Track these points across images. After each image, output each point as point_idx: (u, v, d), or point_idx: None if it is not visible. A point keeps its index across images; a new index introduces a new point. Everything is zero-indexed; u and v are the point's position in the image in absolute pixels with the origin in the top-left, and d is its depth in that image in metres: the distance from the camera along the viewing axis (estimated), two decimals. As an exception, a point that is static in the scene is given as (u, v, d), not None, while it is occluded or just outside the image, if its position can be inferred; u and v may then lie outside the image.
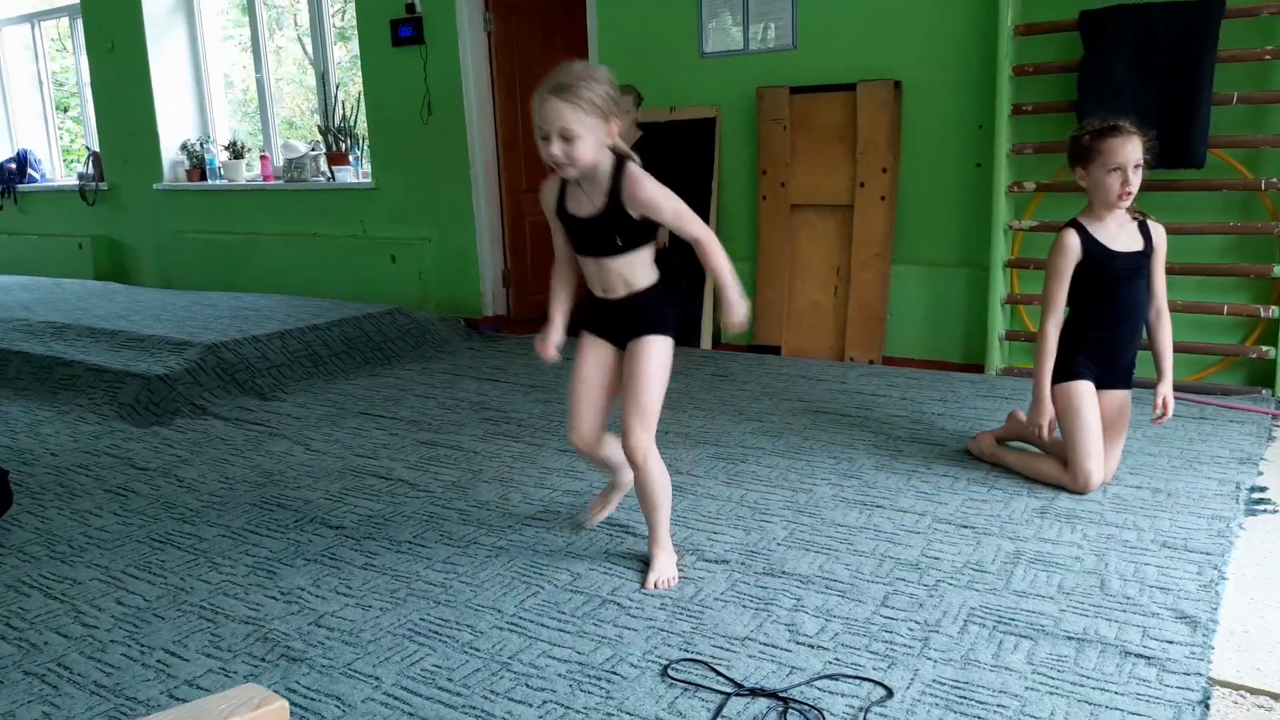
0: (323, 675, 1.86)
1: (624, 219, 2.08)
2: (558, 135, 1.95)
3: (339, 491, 2.89)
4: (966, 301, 4.24)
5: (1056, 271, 2.66)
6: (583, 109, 1.94)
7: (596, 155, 2.01)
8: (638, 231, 2.11)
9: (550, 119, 1.95)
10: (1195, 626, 1.92)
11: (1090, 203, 2.68)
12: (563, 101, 1.94)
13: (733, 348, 4.79)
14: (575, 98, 1.94)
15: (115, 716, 1.75)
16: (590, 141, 1.97)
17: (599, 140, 1.99)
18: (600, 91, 1.96)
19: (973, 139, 4.18)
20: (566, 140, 1.96)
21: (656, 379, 2.17)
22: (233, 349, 4.17)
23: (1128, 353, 2.73)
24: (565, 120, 1.94)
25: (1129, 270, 2.64)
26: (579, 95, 1.94)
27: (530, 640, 1.97)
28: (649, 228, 2.12)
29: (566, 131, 1.95)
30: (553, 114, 1.95)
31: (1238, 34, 3.57)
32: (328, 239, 6.39)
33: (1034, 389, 2.71)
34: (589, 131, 1.96)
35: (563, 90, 1.94)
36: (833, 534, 2.44)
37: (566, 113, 1.94)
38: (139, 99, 7.02)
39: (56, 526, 2.69)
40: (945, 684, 1.76)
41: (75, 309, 5.35)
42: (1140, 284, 2.67)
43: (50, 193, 8.06)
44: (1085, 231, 2.65)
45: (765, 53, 4.63)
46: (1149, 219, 2.71)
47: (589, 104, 1.95)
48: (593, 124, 1.96)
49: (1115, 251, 2.63)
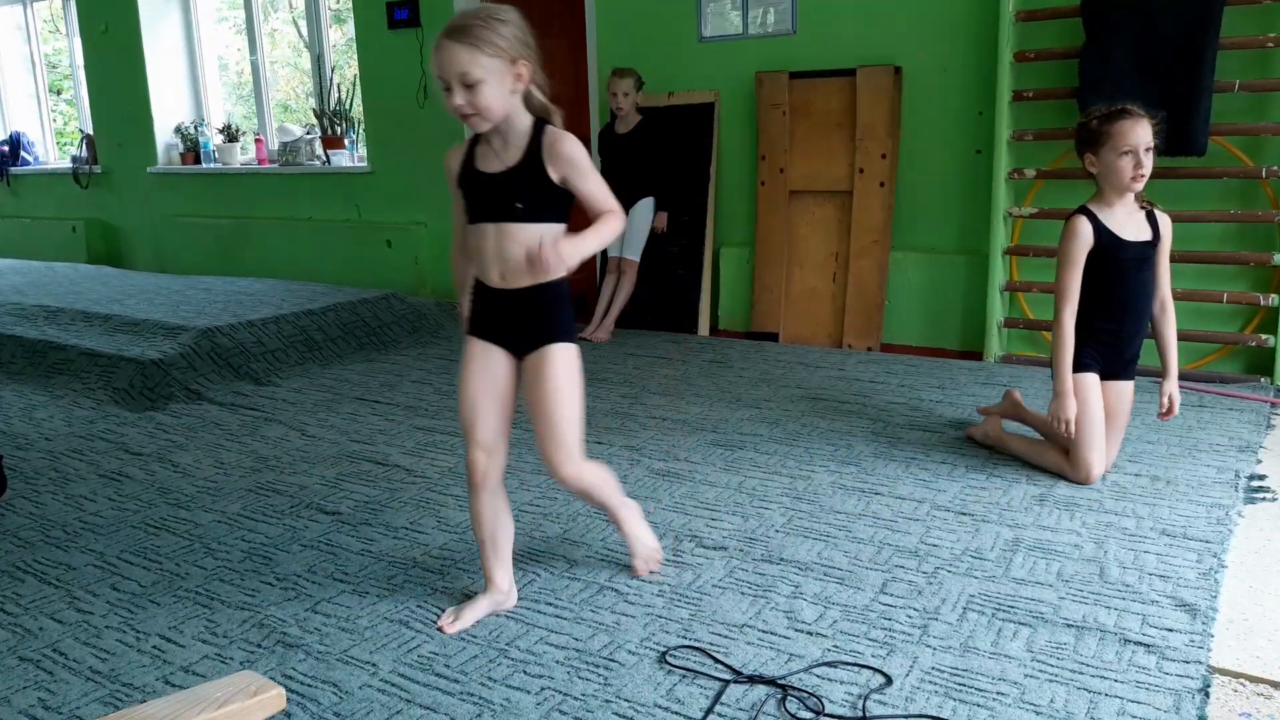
0: (319, 662, 1.86)
1: (537, 179, 1.85)
2: (458, 83, 1.74)
3: (335, 477, 2.88)
4: (965, 288, 4.23)
5: (1069, 259, 2.61)
6: (483, 51, 1.73)
7: (506, 104, 1.79)
8: (548, 200, 1.86)
9: (447, 65, 1.74)
10: (1195, 614, 1.92)
11: (1099, 190, 2.65)
12: (459, 44, 1.73)
13: (730, 334, 4.78)
14: (473, 39, 1.73)
15: (111, 702, 1.74)
16: (495, 87, 1.75)
17: (505, 85, 1.77)
18: (504, 32, 1.75)
19: (973, 125, 4.16)
20: (468, 87, 1.74)
21: (571, 397, 1.94)
22: (227, 334, 4.14)
23: (1133, 345, 2.70)
24: (463, 65, 1.73)
25: (1137, 260, 2.61)
26: (477, 37, 1.73)
27: (527, 627, 1.96)
28: (560, 202, 1.88)
29: (466, 77, 1.73)
30: (449, 59, 1.74)
31: (1240, 21, 3.55)
32: (323, 223, 6.36)
33: (1055, 382, 2.62)
34: (492, 76, 1.75)
35: (459, 33, 1.74)
36: (831, 521, 2.43)
37: (464, 56, 1.72)
38: (133, 81, 6.96)
39: (51, 512, 2.68)
40: (944, 671, 1.76)
41: (69, 293, 5.31)
42: (1147, 274, 2.64)
43: (43, 176, 8.01)
44: (1095, 219, 2.62)
45: (765, 37, 4.60)
46: (1156, 208, 2.68)
47: (490, 45, 1.74)
48: (496, 67, 1.74)
49: (1125, 240, 2.60)
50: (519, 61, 1.78)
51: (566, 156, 1.84)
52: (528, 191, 1.86)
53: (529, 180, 1.85)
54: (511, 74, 1.78)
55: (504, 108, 1.80)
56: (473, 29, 1.74)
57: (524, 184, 1.86)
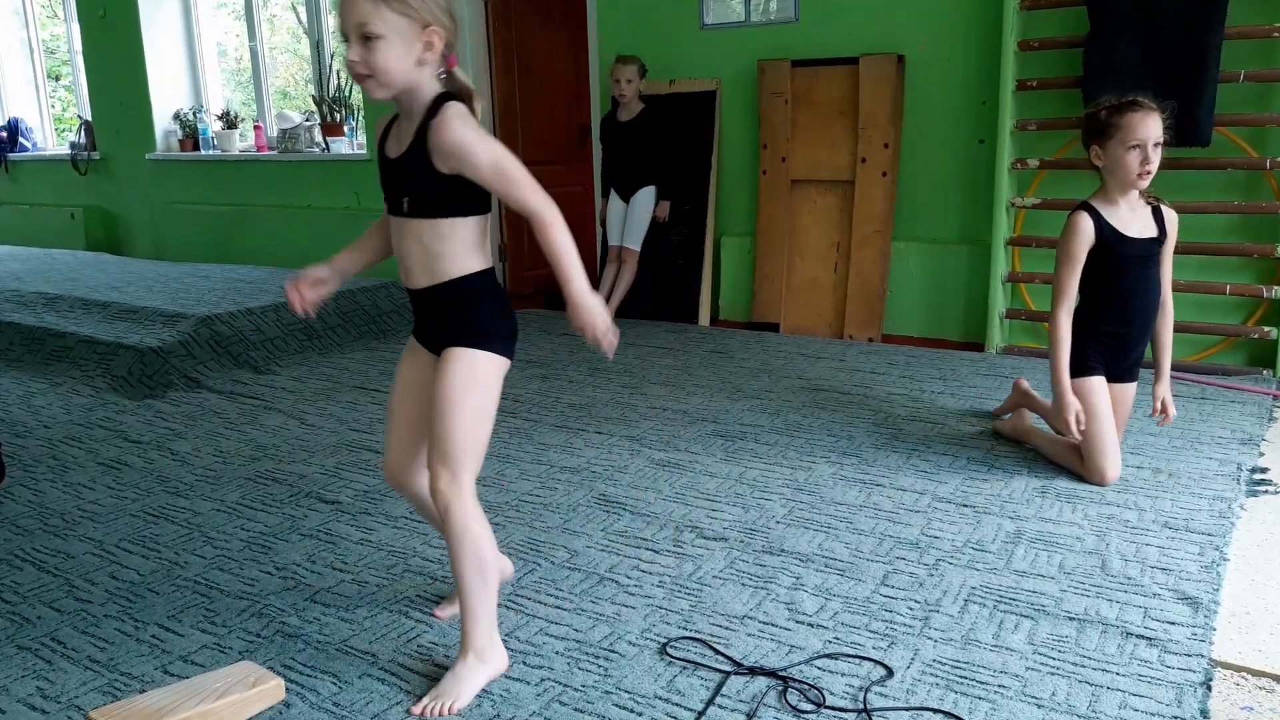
0: (319, 651, 1.85)
1: (424, 169, 1.60)
2: (356, 35, 1.53)
3: (334, 466, 2.87)
4: (967, 279, 4.21)
5: (1069, 255, 2.54)
6: (389, 5, 1.52)
7: (408, 73, 1.56)
8: (439, 193, 1.62)
9: (347, 13, 1.53)
10: (1197, 607, 1.91)
11: (1104, 185, 2.58)
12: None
13: (731, 325, 4.77)
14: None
15: (109, 691, 1.74)
16: (397, 48, 1.53)
17: (410, 50, 1.55)
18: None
19: (976, 114, 4.14)
20: (366, 41, 1.53)
21: (461, 407, 1.66)
22: (226, 321, 4.13)
23: (1138, 348, 2.64)
24: (363, 14, 1.51)
25: (1141, 258, 2.55)
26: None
27: (527, 617, 1.95)
28: (460, 195, 1.63)
29: (365, 28, 1.52)
30: (350, 6, 1.53)
31: (1245, 11, 3.52)
32: (322, 210, 6.33)
33: (1053, 386, 2.55)
34: (395, 34, 1.53)
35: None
36: (832, 512, 2.43)
37: (366, 6, 1.51)
38: (131, 67, 6.92)
39: (49, 500, 2.67)
40: (946, 664, 1.75)
41: (67, 280, 5.30)
42: (1153, 273, 2.58)
43: (42, 162, 7.97)
44: (1098, 215, 2.55)
45: (767, 25, 4.57)
46: (1163, 204, 2.62)
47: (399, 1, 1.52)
48: (401, 26, 1.52)
49: (1128, 237, 2.54)
50: (431, 28, 1.56)
51: (448, 145, 1.57)
52: (415, 183, 1.63)
53: (415, 170, 1.62)
54: (420, 40, 1.55)
55: (404, 76, 1.56)
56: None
57: (411, 174, 1.63)
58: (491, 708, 1.66)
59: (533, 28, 5.67)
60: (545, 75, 5.79)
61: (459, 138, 1.57)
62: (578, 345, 4.29)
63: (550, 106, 5.85)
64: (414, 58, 1.56)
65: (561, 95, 5.90)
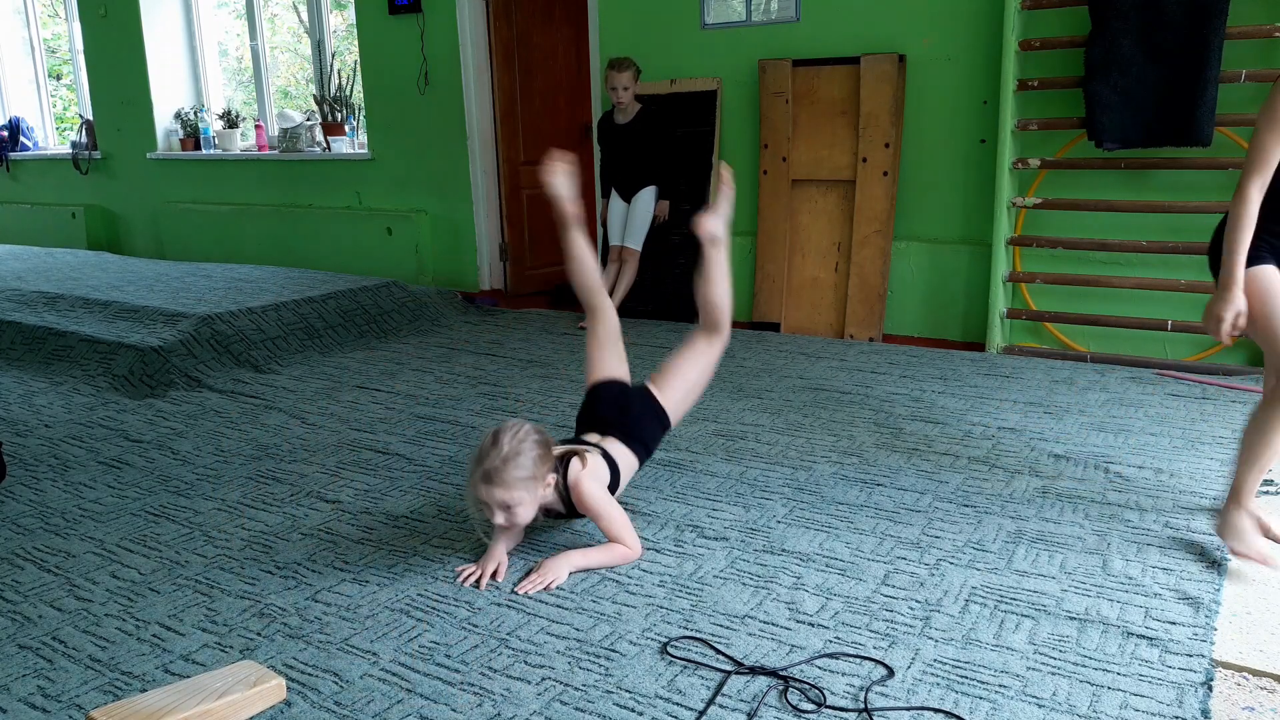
0: (320, 651, 1.85)
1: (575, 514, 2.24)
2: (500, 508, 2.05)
3: (335, 465, 2.87)
4: (968, 279, 4.21)
5: (1272, 119, 1.97)
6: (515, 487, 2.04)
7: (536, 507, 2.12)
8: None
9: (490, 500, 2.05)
10: (1198, 608, 1.91)
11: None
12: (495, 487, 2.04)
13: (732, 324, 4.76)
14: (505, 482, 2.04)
15: (110, 691, 1.74)
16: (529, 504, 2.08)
17: (537, 497, 2.09)
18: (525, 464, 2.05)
19: (977, 114, 4.14)
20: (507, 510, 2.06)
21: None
22: (227, 321, 4.13)
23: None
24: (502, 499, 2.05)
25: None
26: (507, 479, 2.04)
27: (529, 617, 1.95)
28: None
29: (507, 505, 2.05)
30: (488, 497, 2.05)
31: (1247, 10, 3.52)
32: (323, 210, 6.33)
33: (1221, 273, 2.05)
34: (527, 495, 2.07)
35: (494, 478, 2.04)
36: (833, 512, 2.43)
37: (500, 494, 2.04)
38: (132, 66, 6.93)
39: (50, 499, 2.67)
40: (946, 663, 1.75)
41: (68, 279, 5.30)
42: None
43: (43, 161, 7.98)
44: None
45: (768, 24, 4.57)
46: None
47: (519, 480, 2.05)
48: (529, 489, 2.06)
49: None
50: (548, 477, 2.11)
51: (588, 510, 2.18)
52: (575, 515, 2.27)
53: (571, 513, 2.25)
54: (541, 486, 2.09)
55: (534, 510, 2.11)
56: (502, 473, 2.03)
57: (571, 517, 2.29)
58: (492, 707, 1.66)
59: (534, 26, 5.67)
60: (546, 74, 5.79)
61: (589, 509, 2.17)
62: (578, 345, 4.29)
63: (551, 105, 5.85)
64: (539, 498, 2.11)
65: (562, 94, 5.90)
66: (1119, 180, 3.86)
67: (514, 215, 5.78)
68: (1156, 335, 3.84)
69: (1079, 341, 3.99)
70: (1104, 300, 3.93)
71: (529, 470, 2.05)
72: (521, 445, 2.07)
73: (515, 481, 2.04)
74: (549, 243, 5.92)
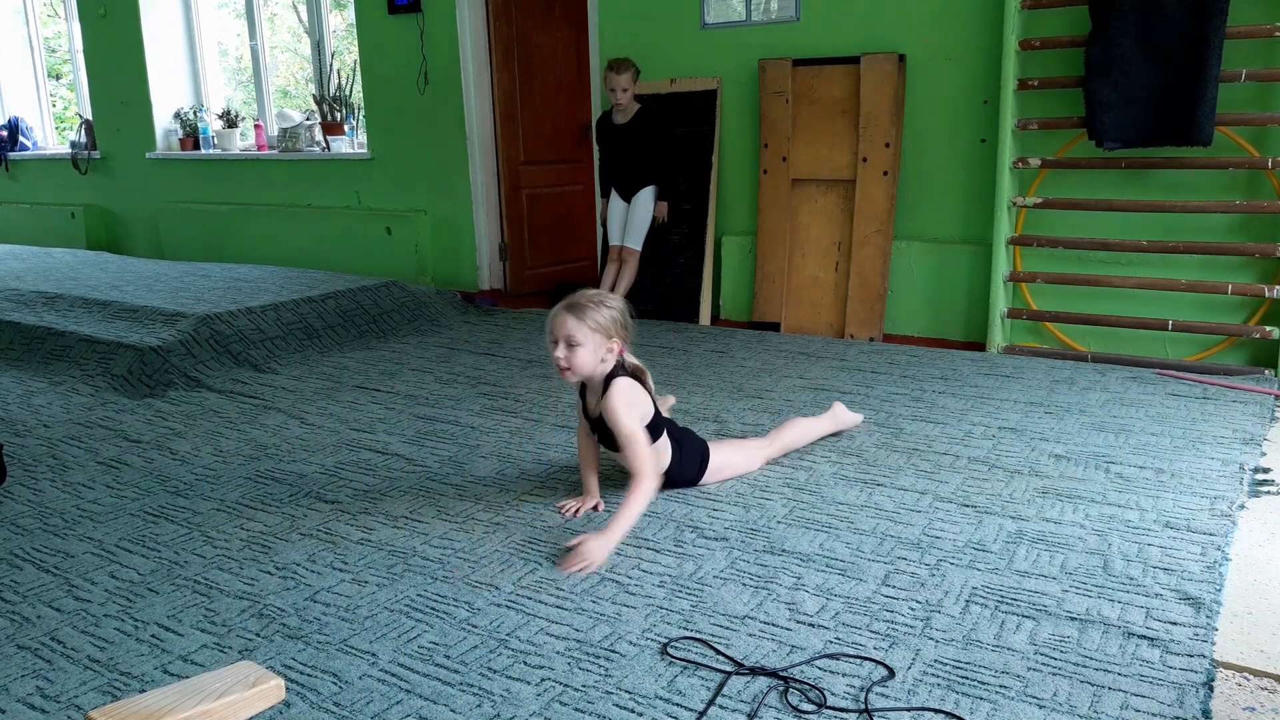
0: (319, 651, 1.85)
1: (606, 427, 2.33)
2: (564, 341, 2.25)
3: (334, 466, 2.87)
4: (969, 278, 4.21)
5: None
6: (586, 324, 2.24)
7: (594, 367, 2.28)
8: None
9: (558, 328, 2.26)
10: (1199, 608, 1.91)
11: None
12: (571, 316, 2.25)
13: (732, 324, 4.77)
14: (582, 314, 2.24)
15: (109, 691, 1.73)
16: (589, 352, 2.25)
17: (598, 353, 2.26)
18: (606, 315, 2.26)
19: (977, 114, 4.14)
20: (570, 347, 2.25)
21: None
22: (226, 320, 4.13)
23: None
24: (569, 329, 2.24)
25: None
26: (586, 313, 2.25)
27: (528, 617, 1.95)
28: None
29: (571, 339, 2.24)
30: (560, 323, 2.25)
31: (1247, 10, 3.52)
32: (323, 210, 6.33)
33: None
34: (590, 343, 2.25)
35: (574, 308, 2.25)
36: (833, 512, 2.42)
37: (572, 323, 2.24)
38: (132, 66, 6.92)
39: (49, 499, 2.67)
40: (947, 664, 1.75)
41: (67, 279, 5.30)
42: None
43: (42, 161, 7.97)
44: None
45: (768, 24, 4.56)
46: None
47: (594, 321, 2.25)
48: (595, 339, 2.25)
49: None
50: (614, 339, 2.28)
51: (605, 408, 2.29)
52: (606, 432, 2.35)
53: (603, 425, 2.33)
54: (605, 346, 2.27)
55: (592, 369, 2.28)
56: (585, 307, 2.25)
57: (603, 428, 2.35)
58: (492, 708, 1.65)
59: (534, 26, 5.67)
60: (546, 73, 5.79)
61: (611, 405, 2.28)
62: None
63: (551, 104, 5.85)
64: (599, 358, 2.27)
65: (562, 94, 5.90)
66: (1119, 180, 3.86)
67: (513, 215, 5.77)
68: (1157, 335, 3.84)
69: (1079, 341, 3.99)
70: (1104, 300, 3.93)
71: (606, 322, 2.25)
72: (614, 304, 2.29)
73: (590, 321, 2.23)
74: (548, 243, 5.92)
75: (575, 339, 2.23)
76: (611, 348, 2.28)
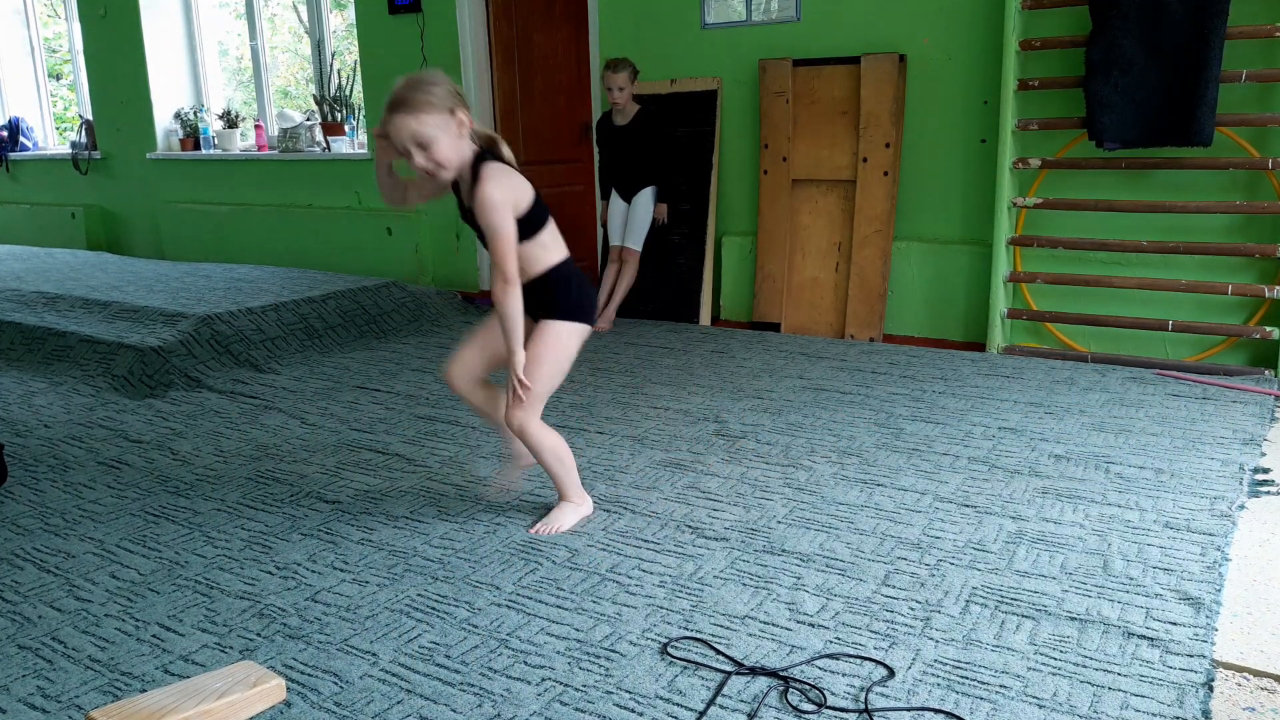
0: (319, 651, 1.85)
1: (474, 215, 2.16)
2: (414, 145, 2.05)
3: (335, 466, 2.87)
4: (969, 279, 4.21)
5: None
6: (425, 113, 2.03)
7: (459, 151, 2.09)
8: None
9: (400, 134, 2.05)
10: (1198, 608, 1.91)
11: None
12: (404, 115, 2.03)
13: (732, 324, 4.77)
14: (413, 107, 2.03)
15: (110, 691, 1.74)
16: (445, 140, 2.06)
17: (452, 135, 2.07)
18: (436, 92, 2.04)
19: (977, 114, 4.14)
20: (423, 147, 2.05)
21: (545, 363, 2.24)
22: (227, 321, 4.13)
23: None
24: (412, 129, 2.03)
25: None
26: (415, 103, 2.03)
27: (529, 617, 1.95)
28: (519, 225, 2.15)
29: (418, 137, 2.04)
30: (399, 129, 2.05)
31: (1248, 10, 3.52)
32: (323, 210, 6.33)
33: None
34: (440, 131, 2.04)
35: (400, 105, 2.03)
36: (833, 512, 2.42)
37: (411, 123, 2.03)
38: (132, 66, 6.92)
39: (50, 499, 2.67)
40: (947, 664, 1.75)
41: (68, 279, 5.30)
42: None
43: (43, 161, 7.97)
44: None
45: (768, 24, 4.56)
46: None
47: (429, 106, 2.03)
48: (440, 123, 2.04)
49: None
50: (457, 110, 2.06)
51: (476, 199, 2.10)
52: (476, 225, 2.18)
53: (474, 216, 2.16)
54: (454, 123, 2.06)
55: (458, 155, 2.10)
56: (411, 98, 2.03)
57: (473, 219, 2.18)
58: (492, 707, 1.66)
59: (534, 25, 5.67)
60: (546, 73, 5.79)
61: (480, 204, 2.10)
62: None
63: (551, 104, 5.85)
64: (456, 138, 2.08)
65: (562, 94, 5.90)
66: (1119, 180, 3.86)
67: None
68: (1157, 335, 3.84)
69: (1079, 341, 3.99)
70: (1104, 300, 3.93)
71: (440, 100, 2.02)
72: (436, 77, 2.06)
73: (426, 106, 2.01)
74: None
75: (423, 136, 2.03)
76: (461, 120, 2.06)
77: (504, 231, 2.10)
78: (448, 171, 2.09)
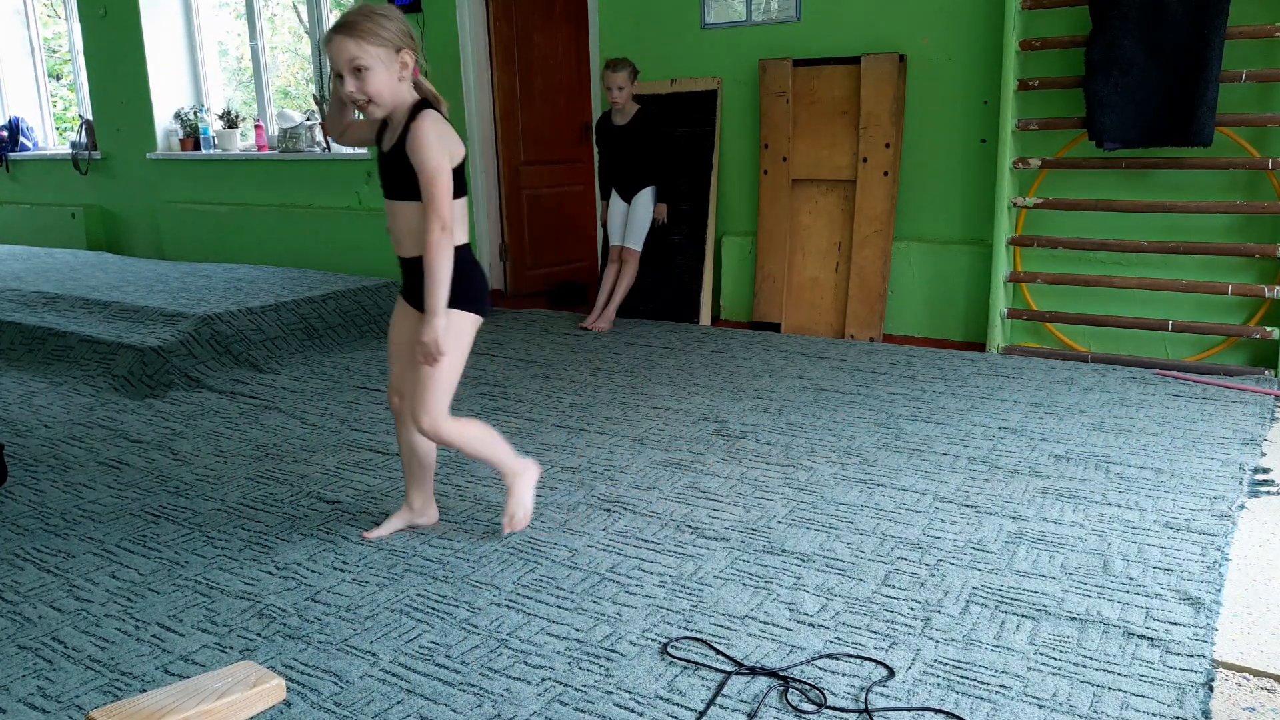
0: (319, 651, 1.85)
1: (405, 164, 2.01)
2: (349, 70, 1.95)
3: (335, 466, 2.87)
4: (969, 279, 4.21)
5: None
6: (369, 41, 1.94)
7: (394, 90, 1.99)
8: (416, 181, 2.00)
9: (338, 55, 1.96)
10: (1198, 608, 1.91)
11: None
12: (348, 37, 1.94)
13: (732, 324, 4.77)
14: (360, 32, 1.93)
15: (110, 691, 1.74)
16: (382, 73, 1.96)
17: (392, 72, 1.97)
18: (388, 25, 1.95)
19: (978, 114, 4.14)
20: (357, 73, 1.95)
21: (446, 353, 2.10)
22: (227, 321, 4.13)
23: None
24: (351, 53, 1.94)
25: None
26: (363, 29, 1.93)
27: (528, 617, 1.95)
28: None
29: (355, 62, 1.94)
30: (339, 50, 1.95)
31: (1248, 10, 3.52)
32: (323, 210, 6.33)
33: None
34: (379, 63, 1.95)
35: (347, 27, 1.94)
36: (833, 512, 2.42)
37: (351, 46, 1.94)
38: (132, 66, 6.92)
39: (50, 499, 2.67)
40: (947, 664, 1.75)
41: (68, 279, 5.30)
42: None
43: (43, 161, 7.97)
44: None
45: (768, 24, 4.57)
46: None
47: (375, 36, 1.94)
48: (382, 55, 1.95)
49: None
50: (404, 50, 1.98)
51: (413, 136, 1.98)
52: (399, 173, 2.04)
53: (400, 162, 2.02)
54: (397, 62, 1.97)
55: (392, 94, 1.99)
56: (359, 23, 1.93)
57: (396, 165, 2.04)
58: (492, 707, 1.66)
59: (534, 25, 5.67)
60: (546, 73, 5.79)
61: (418, 142, 1.98)
62: (579, 345, 4.29)
63: (551, 104, 5.85)
64: (395, 77, 1.98)
65: (562, 94, 5.90)
66: (1119, 180, 3.86)
67: (514, 215, 5.77)
68: (1157, 335, 3.84)
69: (1079, 341, 3.99)
70: (1104, 300, 3.93)
71: (390, 34, 1.94)
72: (392, 12, 1.97)
73: (371, 38, 1.92)
74: (549, 243, 5.92)
75: (361, 61, 1.93)
76: (405, 61, 1.97)
77: (444, 173, 1.98)
78: (378, 108, 1.99)
